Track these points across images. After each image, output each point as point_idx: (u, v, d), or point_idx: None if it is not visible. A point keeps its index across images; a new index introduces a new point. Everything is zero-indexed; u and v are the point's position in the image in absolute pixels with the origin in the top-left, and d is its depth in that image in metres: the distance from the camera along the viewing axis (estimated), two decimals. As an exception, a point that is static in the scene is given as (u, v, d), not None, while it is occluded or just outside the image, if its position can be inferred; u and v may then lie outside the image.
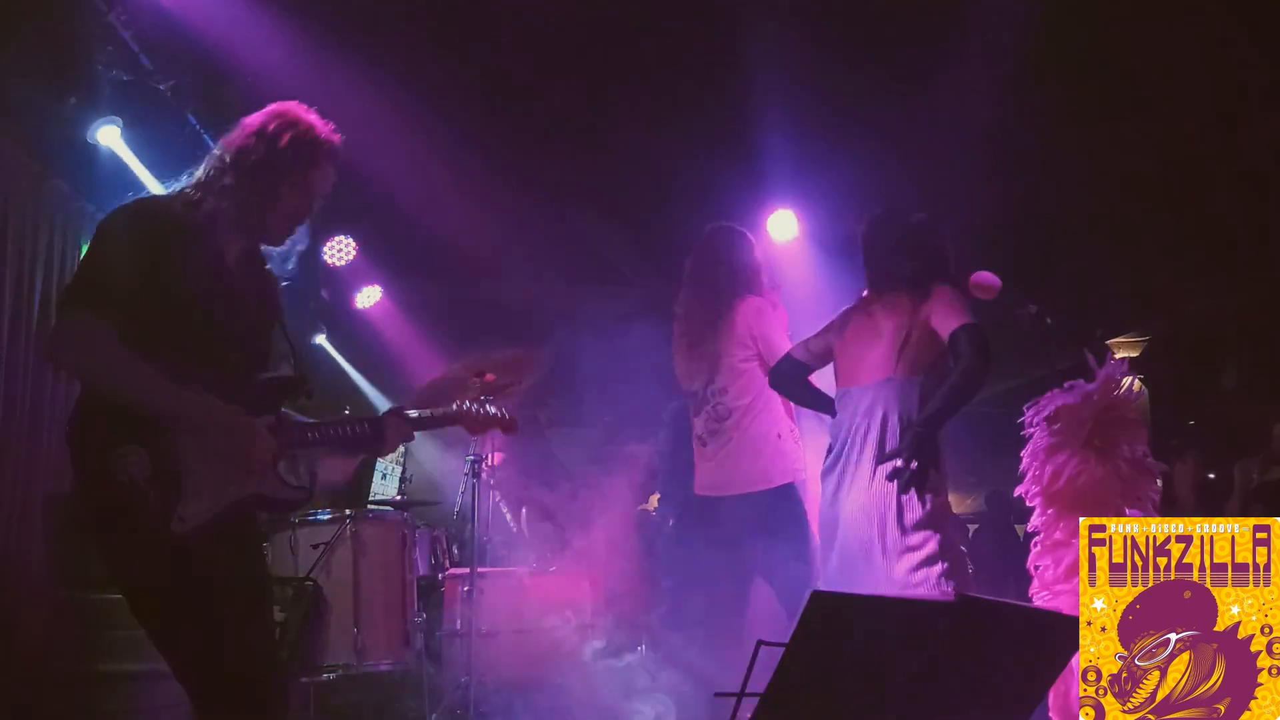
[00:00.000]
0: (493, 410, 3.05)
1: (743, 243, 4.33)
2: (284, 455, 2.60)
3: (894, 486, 3.31)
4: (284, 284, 2.81)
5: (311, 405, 2.80)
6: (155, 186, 4.71)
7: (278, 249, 2.72)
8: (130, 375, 2.36)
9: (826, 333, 3.75)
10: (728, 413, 4.09)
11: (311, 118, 2.64)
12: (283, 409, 2.68)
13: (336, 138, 2.66)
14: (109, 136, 4.93)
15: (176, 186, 2.64)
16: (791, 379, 3.85)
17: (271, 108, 2.65)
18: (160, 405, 2.37)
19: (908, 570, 3.31)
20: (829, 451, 3.60)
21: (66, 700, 4.10)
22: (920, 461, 3.23)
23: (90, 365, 2.40)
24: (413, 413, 2.88)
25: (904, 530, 3.32)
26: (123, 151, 4.99)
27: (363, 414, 3.02)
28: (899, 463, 3.27)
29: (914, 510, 3.32)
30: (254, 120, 2.62)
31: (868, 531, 3.38)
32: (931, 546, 3.31)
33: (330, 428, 2.75)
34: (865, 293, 3.75)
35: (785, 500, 3.99)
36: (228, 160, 2.57)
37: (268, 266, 2.76)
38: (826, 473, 3.59)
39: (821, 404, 3.80)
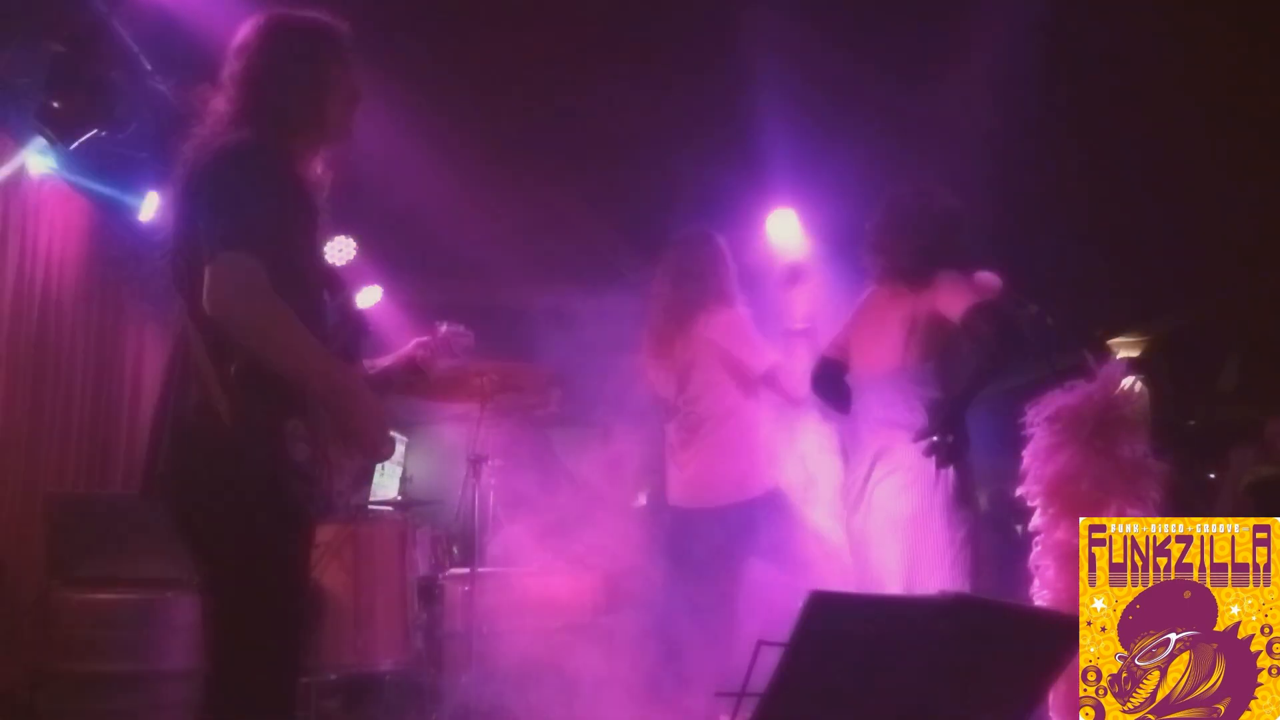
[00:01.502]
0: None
1: (711, 250, 4.14)
2: None
3: (922, 471, 3.31)
4: None
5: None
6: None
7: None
8: (294, 331, 2.08)
9: (846, 327, 3.77)
10: (699, 422, 3.97)
11: (302, 10, 2.44)
12: None
13: (336, 19, 2.45)
14: (36, 164, 4.93)
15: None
16: (835, 379, 3.76)
17: (255, 21, 2.40)
18: (319, 372, 2.10)
19: (940, 554, 3.35)
20: (855, 441, 3.63)
21: (65, 700, 4.10)
22: (955, 435, 3.22)
23: (252, 315, 2.05)
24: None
25: (939, 513, 3.35)
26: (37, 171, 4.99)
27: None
28: (934, 439, 3.24)
29: (946, 494, 3.34)
30: (252, 36, 2.38)
31: (903, 514, 3.39)
32: (964, 531, 3.37)
33: (387, 374, 2.68)
34: (873, 286, 3.74)
35: (766, 508, 3.89)
36: (252, 79, 2.32)
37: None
38: (855, 463, 3.60)
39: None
